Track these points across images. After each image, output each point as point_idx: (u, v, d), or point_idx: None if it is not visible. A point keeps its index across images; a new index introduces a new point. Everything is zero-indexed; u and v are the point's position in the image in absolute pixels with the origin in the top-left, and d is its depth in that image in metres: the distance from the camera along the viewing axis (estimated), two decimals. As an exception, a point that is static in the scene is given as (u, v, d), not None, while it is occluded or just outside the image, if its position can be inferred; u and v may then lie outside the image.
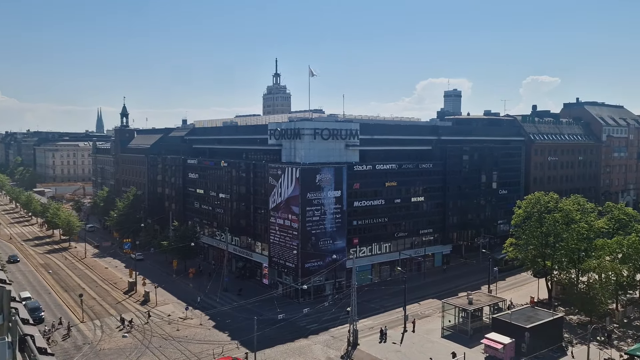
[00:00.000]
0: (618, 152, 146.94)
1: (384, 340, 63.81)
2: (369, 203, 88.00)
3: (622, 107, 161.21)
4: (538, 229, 74.96)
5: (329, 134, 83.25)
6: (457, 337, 64.51)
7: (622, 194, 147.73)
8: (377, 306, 76.80)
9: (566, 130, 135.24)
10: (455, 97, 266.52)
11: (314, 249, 79.17)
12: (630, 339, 62.89)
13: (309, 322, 69.35)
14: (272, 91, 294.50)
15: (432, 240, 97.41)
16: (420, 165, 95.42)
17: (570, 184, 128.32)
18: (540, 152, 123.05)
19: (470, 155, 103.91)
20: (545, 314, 63.34)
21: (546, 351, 57.77)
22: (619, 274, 68.22)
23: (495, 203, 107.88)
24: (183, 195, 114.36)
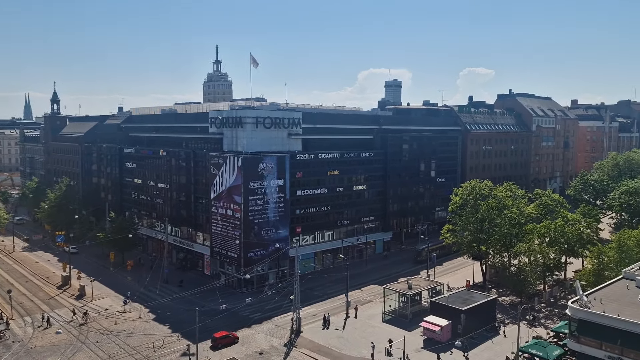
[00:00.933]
0: (546, 141, 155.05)
1: (327, 326, 64.70)
2: (312, 192, 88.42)
3: (550, 98, 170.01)
4: (473, 215, 78.07)
5: (272, 122, 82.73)
6: (398, 321, 66.40)
7: (550, 181, 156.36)
8: (320, 294, 77.65)
9: (500, 121, 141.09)
10: (396, 87, 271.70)
11: (256, 238, 78.79)
12: (556, 317, 66.95)
13: (252, 311, 69.20)
14: (212, 79, 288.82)
15: (374, 227, 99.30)
16: (362, 154, 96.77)
17: (503, 171, 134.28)
18: (475, 142, 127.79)
19: (410, 145, 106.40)
20: (479, 296, 66.29)
21: (480, 331, 60.55)
22: (547, 256, 72.46)
23: (433, 191, 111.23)
24: (120, 185, 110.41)
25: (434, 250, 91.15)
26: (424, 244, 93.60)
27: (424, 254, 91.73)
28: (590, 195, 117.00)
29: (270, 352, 58.27)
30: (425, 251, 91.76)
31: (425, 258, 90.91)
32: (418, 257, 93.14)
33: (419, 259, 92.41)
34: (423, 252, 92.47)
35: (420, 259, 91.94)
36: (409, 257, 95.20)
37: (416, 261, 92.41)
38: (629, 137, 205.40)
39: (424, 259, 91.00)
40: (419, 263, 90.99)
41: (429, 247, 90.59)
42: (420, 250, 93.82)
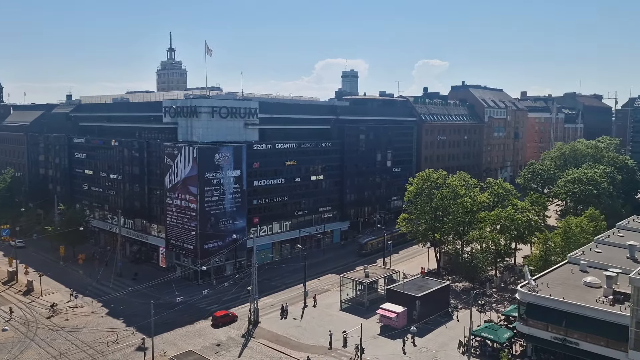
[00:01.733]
0: (497, 132, 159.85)
1: (285, 316, 64.89)
2: (269, 182, 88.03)
3: (502, 90, 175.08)
4: (428, 204, 79.75)
5: (228, 112, 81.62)
6: (355, 309, 67.29)
7: (501, 171, 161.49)
8: (278, 284, 77.68)
9: (453, 112, 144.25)
10: (352, 78, 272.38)
11: (213, 229, 77.89)
12: (506, 301, 69.46)
13: (210, 303, 68.54)
14: (166, 67, 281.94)
15: (331, 217, 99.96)
16: (319, 144, 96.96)
17: (457, 161, 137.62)
18: (430, 132, 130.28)
19: (367, 135, 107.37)
20: (434, 282, 68.01)
21: (435, 317, 62.19)
22: (498, 243, 75.05)
23: (389, 180, 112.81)
24: (70, 176, 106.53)
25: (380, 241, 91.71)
26: (367, 237, 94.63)
27: (368, 247, 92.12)
28: (538, 183, 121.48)
29: (228, 344, 57.95)
30: (369, 244, 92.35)
31: (369, 251, 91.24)
32: (361, 250, 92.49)
33: (362, 251, 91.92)
34: (366, 245, 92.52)
35: (364, 251, 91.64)
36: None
37: (360, 254, 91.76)
38: (574, 128, 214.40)
39: (367, 251, 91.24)
40: (362, 256, 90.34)
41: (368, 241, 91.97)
42: (363, 243, 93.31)
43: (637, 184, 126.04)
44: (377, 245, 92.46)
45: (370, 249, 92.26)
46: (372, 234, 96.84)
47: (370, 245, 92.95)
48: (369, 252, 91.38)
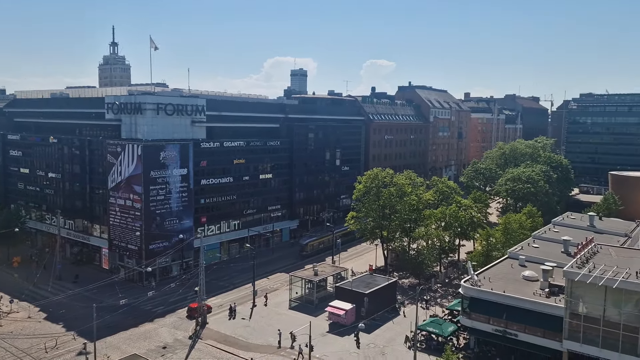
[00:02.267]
0: (442, 131, 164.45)
1: (234, 316, 64.22)
2: (217, 181, 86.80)
3: (446, 91, 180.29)
4: (376, 202, 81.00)
5: (174, 109, 79.78)
6: (304, 307, 67.47)
7: (445, 169, 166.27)
8: (226, 284, 76.76)
9: (400, 111, 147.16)
10: (302, 77, 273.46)
11: (159, 229, 75.99)
12: (450, 296, 71.60)
13: (155, 305, 66.85)
14: (109, 61, 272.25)
15: (280, 216, 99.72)
16: (268, 142, 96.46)
17: (403, 160, 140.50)
18: (378, 131, 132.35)
19: (316, 134, 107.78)
20: (381, 279, 69.18)
21: (382, 313, 63.31)
22: (442, 239, 77.31)
23: (338, 179, 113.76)
24: (4, 175, 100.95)
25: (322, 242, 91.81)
26: (308, 238, 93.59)
27: (308, 248, 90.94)
28: (480, 182, 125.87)
29: (174, 346, 56.72)
30: (310, 245, 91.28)
31: (309, 252, 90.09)
32: (302, 251, 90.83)
33: (303, 253, 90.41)
34: (307, 246, 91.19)
35: (304, 253, 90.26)
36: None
37: (301, 255, 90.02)
38: (514, 128, 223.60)
39: (308, 253, 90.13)
40: (303, 257, 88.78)
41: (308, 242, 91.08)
42: (304, 245, 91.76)
43: (570, 182, 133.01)
44: (319, 246, 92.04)
45: (311, 250, 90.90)
46: (313, 235, 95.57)
47: (311, 246, 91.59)
48: (310, 253, 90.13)
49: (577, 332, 47.00)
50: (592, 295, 46.10)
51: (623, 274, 45.48)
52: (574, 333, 47.18)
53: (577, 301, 47.03)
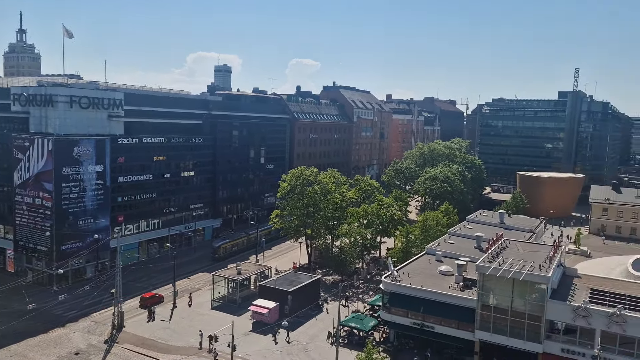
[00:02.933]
0: (365, 131, 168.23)
1: (153, 318, 62.05)
2: (136, 178, 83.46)
3: (369, 92, 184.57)
4: (300, 200, 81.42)
5: (89, 102, 75.68)
6: (227, 307, 66.50)
7: (368, 168, 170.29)
8: (145, 285, 73.92)
9: (325, 111, 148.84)
10: (226, 73, 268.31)
11: (71, 229, 71.85)
12: (372, 291, 73.43)
13: (67, 309, 63.16)
14: (15, 49, 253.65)
15: (203, 214, 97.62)
16: (190, 139, 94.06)
17: (328, 159, 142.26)
18: (303, 130, 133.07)
19: (240, 131, 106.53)
20: (305, 277, 69.66)
21: (305, 310, 63.77)
22: (365, 237, 79.09)
23: (262, 177, 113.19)
24: None
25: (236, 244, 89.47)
26: (221, 240, 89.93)
27: (221, 251, 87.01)
28: (401, 181, 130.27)
29: (88, 351, 53.87)
30: (223, 247, 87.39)
31: (222, 255, 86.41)
32: (215, 254, 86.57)
33: (215, 255, 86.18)
34: (220, 249, 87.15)
35: (217, 255, 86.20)
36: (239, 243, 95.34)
37: (213, 258, 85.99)
38: (432, 130, 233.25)
39: (221, 255, 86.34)
40: (216, 260, 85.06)
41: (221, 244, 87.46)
42: (217, 247, 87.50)
43: (483, 182, 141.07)
44: (232, 248, 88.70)
45: (224, 253, 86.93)
46: (227, 237, 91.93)
47: (224, 248, 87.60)
48: (223, 256, 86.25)
49: (487, 323, 49.92)
50: (501, 288, 49.14)
51: (528, 267, 48.83)
52: (485, 323, 50.07)
53: (488, 293, 49.97)
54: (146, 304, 64.72)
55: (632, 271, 64.84)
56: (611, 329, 44.91)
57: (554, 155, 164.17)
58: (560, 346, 47.29)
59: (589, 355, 44.92)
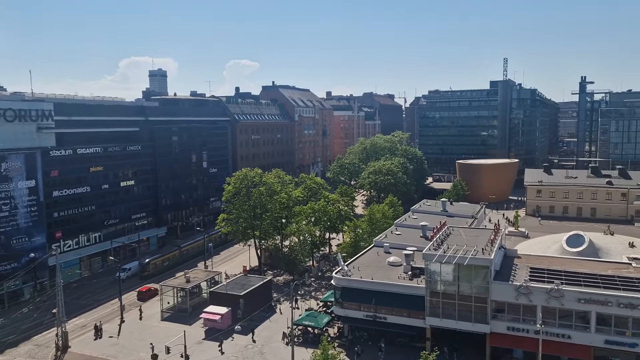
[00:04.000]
0: (307, 129, 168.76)
1: (100, 336, 59.69)
2: (72, 191, 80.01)
3: (309, 90, 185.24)
4: (246, 202, 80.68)
5: (15, 115, 71.66)
6: (177, 316, 64.96)
7: (313, 166, 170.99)
8: (90, 301, 71.07)
9: (266, 111, 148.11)
10: (161, 77, 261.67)
11: (4, 249, 67.97)
12: (324, 288, 73.85)
13: (5, 334, 59.61)
14: None
15: (146, 224, 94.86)
16: (128, 147, 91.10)
17: (272, 159, 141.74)
18: (244, 131, 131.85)
19: (180, 136, 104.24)
20: (256, 279, 69.12)
21: (258, 312, 63.29)
22: (313, 234, 79.40)
23: (206, 182, 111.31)
24: None
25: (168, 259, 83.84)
26: (150, 256, 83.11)
27: (151, 268, 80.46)
28: (345, 176, 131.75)
29: (31, 377, 51.14)
30: (152, 264, 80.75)
31: (152, 272, 79.87)
32: (143, 271, 79.85)
33: (144, 273, 79.60)
34: (149, 266, 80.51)
35: (146, 273, 79.65)
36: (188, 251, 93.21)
37: (142, 277, 79.20)
38: (373, 124, 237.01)
39: (150, 272, 79.88)
40: (145, 279, 78.50)
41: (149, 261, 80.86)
42: (145, 264, 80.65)
43: (425, 172, 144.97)
44: (163, 264, 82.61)
45: (153, 270, 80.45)
46: (156, 252, 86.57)
47: (153, 265, 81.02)
48: (153, 273, 79.87)
49: (437, 309, 51.36)
50: (447, 274, 50.63)
51: (472, 252, 50.62)
52: (434, 310, 51.48)
53: (435, 280, 51.37)
54: (144, 296, 69.89)
55: (566, 248, 68.64)
56: (550, 304, 47.29)
57: (490, 142, 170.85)
58: (506, 324, 49.34)
59: (532, 330, 47.13)
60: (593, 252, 66.52)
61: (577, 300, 46.44)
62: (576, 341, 47.00)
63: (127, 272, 79.80)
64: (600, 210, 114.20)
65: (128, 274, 79.75)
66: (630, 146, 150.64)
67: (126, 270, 79.84)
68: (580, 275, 51.02)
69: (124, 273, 77.34)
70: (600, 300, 45.79)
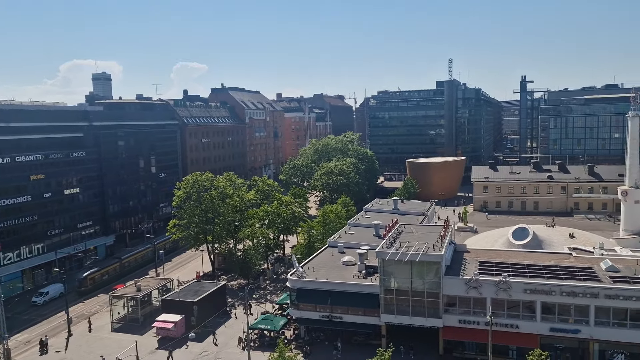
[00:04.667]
0: (259, 132, 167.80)
1: (46, 351, 57.13)
2: (11, 201, 76.28)
3: (259, 92, 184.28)
4: (198, 207, 79.28)
5: (-54, 122, 67.65)
6: (129, 327, 63.02)
7: (265, 168, 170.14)
8: (34, 316, 67.88)
9: (215, 114, 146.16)
10: (105, 81, 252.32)
11: (-63, 265, 63.91)
12: (279, 291, 73.53)
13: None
14: None
15: (93, 232, 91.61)
16: (71, 154, 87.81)
17: (223, 162, 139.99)
18: (194, 135, 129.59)
19: (127, 141, 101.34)
20: (210, 285, 68.00)
21: (213, 318, 62.30)
22: (267, 237, 78.96)
23: (156, 187, 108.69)
24: None
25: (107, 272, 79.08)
26: (87, 270, 77.65)
27: (88, 283, 75.58)
28: (298, 178, 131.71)
29: (-29, 399, 48.35)
30: (90, 279, 75.85)
31: (90, 287, 75.55)
32: (81, 287, 74.75)
33: (82, 289, 74.66)
34: (87, 281, 75.38)
35: (84, 288, 74.89)
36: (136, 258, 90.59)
37: (79, 292, 74.33)
38: (324, 125, 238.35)
39: (88, 287, 75.40)
40: (83, 294, 74.11)
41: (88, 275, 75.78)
42: (82, 279, 75.25)
43: (376, 171, 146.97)
44: (102, 278, 78.05)
45: (92, 285, 75.85)
46: (93, 266, 79.87)
47: (91, 280, 76.15)
48: (91, 288, 75.62)
49: (391, 306, 52.15)
50: (400, 271, 51.53)
51: (423, 248, 51.72)
52: (388, 307, 52.25)
53: (389, 278, 52.15)
54: None
55: (512, 241, 71.34)
56: (499, 296, 48.96)
57: (438, 140, 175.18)
58: (458, 318, 50.68)
59: (483, 322, 48.63)
60: (537, 244, 69.45)
61: (524, 290, 48.26)
62: (524, 330, 48.84)
63: (44, 296, 71.63)
64: (542, 203, 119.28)
65: (46, 299, 71.49)
66: (568, 142, 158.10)
67: (43, 295, 71.83)
68: (526, 266, 53.11)
69: (39, 298, 71.04)
70: (545, 290, 47.79)
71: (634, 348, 46.95)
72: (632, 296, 45.65)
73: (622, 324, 46.47)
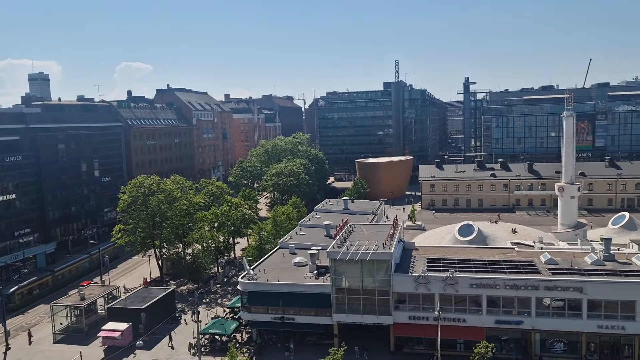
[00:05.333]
0: (207, 133, 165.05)
1: (-19, 367, 53.96)
2: (-60, 209, 71.55)
3: (207, 93, 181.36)
4: (144, 211, 77.08)
5: None
6: (73, 337, 60.48)
7: (214, 170, 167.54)
8: (-33, 330, 63.92)
9: (161, 115, 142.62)
10: (43, 81, 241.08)
11: None
12: (230, 294, 72.56)
13: None
14: None
15: (32, 240, 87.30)
16: (7, 158, 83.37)
17: (170, 165, 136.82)
18: (139, 137, 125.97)
19: (67, 144, 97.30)
20: (158, 291, 66.26)
21: (162, 325, 60.73)
22: (217, 240, 77.80)
23: (99, 191, 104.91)
24: None
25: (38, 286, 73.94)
26: (15, 285, 72.19)
27: (17, 299, 70.13)
28: (248, 180, 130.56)
29: None
30: (18, 294, 70.46)
31: (20, 303, 70.35)
32: (9, 303, 68.18)
33: (10, 305, 68.20)
34: (14, 296, 69.90)
35: (13, 304, 69.05)
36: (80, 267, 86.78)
37: (7, 308, 66.33)
38: (273, 126, 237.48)
39: (17, 304, 70.02)
40: (11, 311, 67.99)
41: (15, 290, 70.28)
42: (9, 294, 69.30)
43: (326, 172, 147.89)
44: (33, 292, 72.97)
45: (21, 300, 70.66)
46: (22, 279, 74.88)
47: (20, 295, 70.77)
48: (21, 303, 70.48)
49: (343, 305, 52.55)
50: (351, 270, 52.01)
51: (373, 247, 52.41)
52: (340, 306, 52.63)
53: (340, 277, 52.52)
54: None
55: (458, 237, 73.46)
56: (447, 291, 50.29)
57: (386, 141, 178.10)
58: (408, 314, 51.67)
59: (432, 317, 49.78)
60: (482, 240, 71.86)
61: (470, 285, 49.82)
62: (470, 324, 50.40)
63: None
64: (486, 200, 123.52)
65: None
66: (510, 141, 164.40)
67: None
68: (472, 262, 54.81)
69: None
70: (490, 284, 49.50)
71: (571, 336, 49.41)
72: (569, 287, 48.00)
73: (560, 314, 48.80)
